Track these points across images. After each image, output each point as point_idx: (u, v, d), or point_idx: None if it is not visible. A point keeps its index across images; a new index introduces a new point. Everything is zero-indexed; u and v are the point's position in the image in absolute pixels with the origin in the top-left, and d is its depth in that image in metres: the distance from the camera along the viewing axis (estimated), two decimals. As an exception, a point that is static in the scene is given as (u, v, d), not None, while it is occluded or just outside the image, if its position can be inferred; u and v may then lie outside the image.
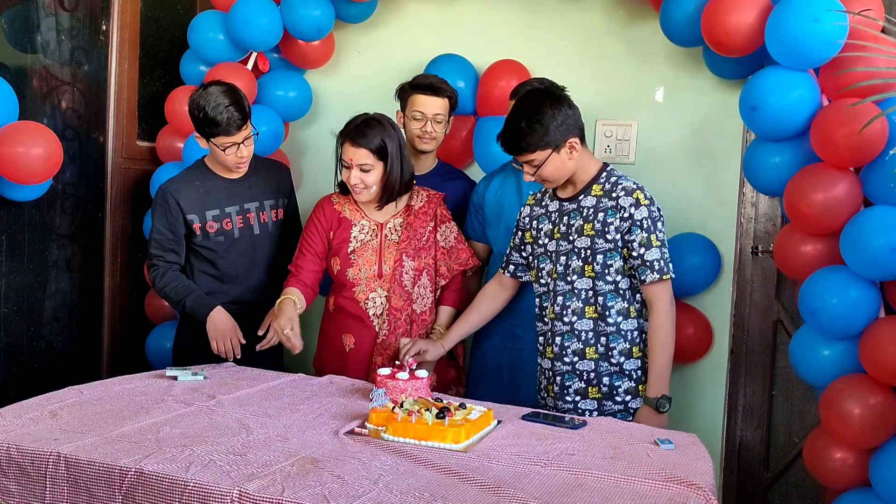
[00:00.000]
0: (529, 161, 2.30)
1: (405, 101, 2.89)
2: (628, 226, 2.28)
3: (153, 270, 2.73)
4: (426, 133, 2.85)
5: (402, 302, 2.61)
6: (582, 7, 3.17)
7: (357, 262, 2.62)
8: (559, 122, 2.26)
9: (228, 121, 2.55)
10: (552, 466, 1.74)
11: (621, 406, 2.33)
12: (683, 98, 3.06)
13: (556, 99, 2.30)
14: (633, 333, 2.34)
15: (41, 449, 1.74)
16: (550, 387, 2.42)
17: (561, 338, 2.37)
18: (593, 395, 2.34)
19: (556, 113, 2.26)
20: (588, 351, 2.33)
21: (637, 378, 2.34)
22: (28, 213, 2.95)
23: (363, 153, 2.51)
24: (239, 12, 3.05)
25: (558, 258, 2.38)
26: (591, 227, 2.32)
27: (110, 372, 3.26)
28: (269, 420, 2.01)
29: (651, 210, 2.30)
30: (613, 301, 2.32)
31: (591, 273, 2.33)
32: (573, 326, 2.35)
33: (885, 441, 2.23)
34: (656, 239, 2.28)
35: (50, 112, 3.04)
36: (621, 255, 2.31)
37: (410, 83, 2.88)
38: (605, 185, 2.35)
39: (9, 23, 2.87)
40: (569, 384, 2.36)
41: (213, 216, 2.72)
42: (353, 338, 2.64)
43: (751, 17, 2.42)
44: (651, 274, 2.26)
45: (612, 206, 2.30)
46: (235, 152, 2.63)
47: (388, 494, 1.55)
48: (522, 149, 2.29)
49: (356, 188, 2.56)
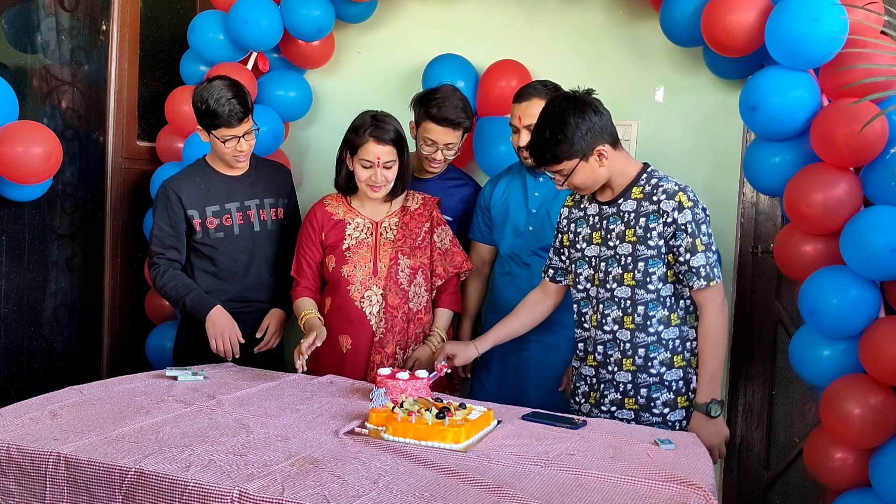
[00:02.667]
0: (558, 171, 2.25)
1: (419, 120, 2.81)
2: (672, 231, 2.20)
3: (154, 269, 2.73)
4: (436, 159, 2.82)
5: (398, 300, 2.61)
6: (582, 7, 3.17)
7: (352, 260, 2.61)
8: (584, 131, 2.19)
9: (230, 113, 2.57)
10: (552, 466, 1.74)
11: (659, 419, 2.26)
12: (683, 98, 3.06)
13: (581, 107, 2.20)
14: (674, 342, 2.26)
15: (41, 449, 1.74)
16: (593, 394, 2.36)
17: (603, 346, 2.31)
18: (629, 405, 2.28)
19: (580, 122, 2.18)
20: (626, 362, 2.27)
21: (677, 389, 2.26)
22: (28, 213, 2.95)
23: (388, 150, 2.51)
24: (239, 12, 3.06)
25: (598, 264, 2.32)
26: (633, 233, 2.25)
27: (110, 372, 3.26)
28: (269, 420, 2.01)
29: (695, 212, 2.20)
30: (654, 310, 2.24)
31: (630, 282, 2.26)
32: (615, 335, 2.29)
33: (885, 441, 2.23)
34: (701, 243, 2.19)
35: (50, 112, 3.04)
36: (665, 262, 2.23)
37: (427, 109, 2.74)
38: (644, 187, 2.27)
39: (9, 23, 2.87)
40: (607, 393, 2.31)
41: (213, 212, 2.73)
42: (349, 339, 2.63)
43: (751, 17, 2.42)
44: (698, 281, 2.19)
45: (654, 211, 2.22)
46: (235, 146, 2.65)
47: (388, 494, 1.55)
48: (549, 160, 2.23)
49: (377, 187, 2.55)
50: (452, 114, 2.73)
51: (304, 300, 2.66)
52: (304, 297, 2.67)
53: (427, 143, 2.80)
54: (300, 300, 2.67)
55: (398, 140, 2.53)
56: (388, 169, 2.53)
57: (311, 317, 2.60)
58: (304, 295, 2.67)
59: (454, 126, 2.75)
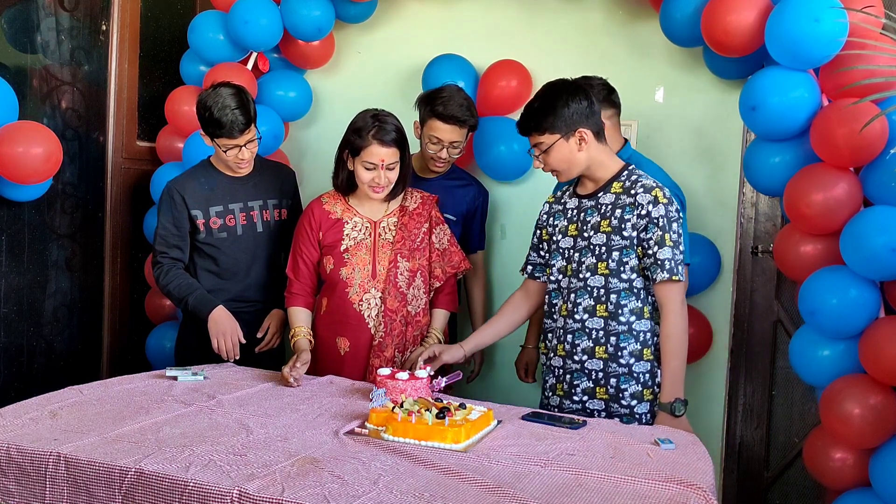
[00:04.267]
0: (537, 144, 2.32)
1: (424, 119, 2.82)
2: (645, 223, 2.25)
3: (157, 268, 2.74)
4: (441, 158, 2.83)
5: (397, 303, 2.60)
6: (582, 7, 3.17)
7: (350, 262, 2.59)
8: (572, 110, 2.27)
9: (232, 124, 2.58)
10: (552, 466, 1.74)
11: (627, 410, 2.29)
12: (683, 98, 3.06)
13: (575, 89, 2.31)
14: (645, 335, 2.29)
15: (41, 449, 1.74)
16: (560, 385, 2.39)
17: (572, 335, 2.34)
18: (601, 395, 2.31)
19: (571, 101, 2.28)
20: (598, 350, 2.31)
21: (645, 382, 2.29)
22: (28, 213, 2.95)
23: (392, 151, 2.50)
24: (239, 12, 3.06)
25: (572, 255, 2.37)
26: (608, 224, 2.30)
27: (110, 372, 3.26)
28: (269, 420, 2.01)
29: (669, 210, 2.25)
30: (627, 300, 2.28)
31: (604, 270, 2.30)
32: (584, 324, 2.32)
33: (885, 441, 2.23)
34: (670, 239, 2.23)
35: (50, 112, 3.04)
36: (636, 253, 2.28)
37: (433, 107, 2.76)
38: (625, 182, 2.33)
39: (9, 23, 2.87)
40: (577, 383, 2.34)
41: (216, 212, 2.74)
42: (347, 341, 2.60)
43: (751, 17, 2.42)
44: (661, 273, 2.22)
45: (630, 203, 2.28)
46: (237, 154, 2.66)
47: (388, 494, 1.55)
48: (531, 128, 2.32)
49: (379, 189, 2.53)
50: (458, 111, 2.75)
51: (297, 311, 2.64)
52: (296, 305, 2.64)
53: (433, 142, 2.81)
54: (293, 310, 2.64)
55: (401, 140, 2.53)
56: (391, 170, 2.52)
57: (299, 339, 2.58)
58: (297, 303, 2.64)
59: (460, 124, 2.77)
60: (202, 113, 2.61)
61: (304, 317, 2.64)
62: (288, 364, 2.43)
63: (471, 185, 3.01)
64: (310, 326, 2.64)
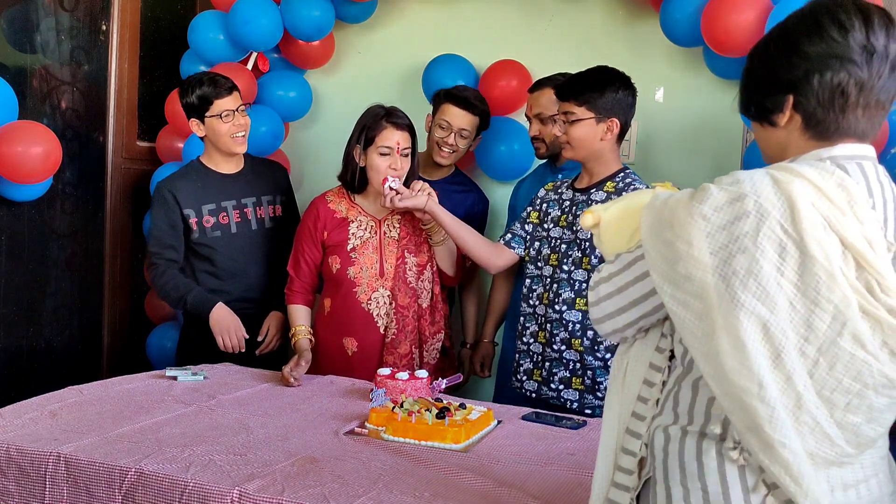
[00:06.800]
0: (569, 112, 2.35)
1: (437, 107, 2.88)
2: None
3: (152, 269, 2.73)
4: (447, 144, 2.84)
5: (408, 299, 2.59)
6: (582, 7, 3.17)
7: (358, 261, 2.58)
8: (617, 97, 2.33)
9: (218, 83, 2.66)
10: (552, 466, 1.74)
11: (601, 402, 2.29)
12: (683, 98, 3.06)
13: (628, 83, 2.37)
14: None
15: (41, 449, 1.74)
16: (537, 371, 2.42)
17: (551, 325, 2.38)
18: (576, 385, 2.35)
19: (620, 89, 2.34)
20: (574, 342, 2.33)
21: None
22: (28, 212, 2.95)
23: (405, 136, 2.51)
24: (239, 12, 3.05)
25: (559, 246, 2.40)
26: None
27: (110, 372, 3.25)
28: (269, 420, 2.01)
29: None
30: None
31: (587, 266, 2.34)
32: (562, 316, 2.36)
33: (885, 441, 2.23)
34: None
35: (50, 112, 3.04)
36: None
37: (446, 91, 2.87)
38: (618, 183, 2.38)
39: (9, 23, 2.87)
40: (556, 371, 2.37)
41: (209, 210, 2.73)
42: (355, 341, 2.58)
43: (751, 17, 2.42)
44: None
45: None
46: (233, 121, 2.67)
47: (388, 494, 1.55)
48: (573, 94, 2.35)
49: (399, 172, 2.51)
50: (471, 96, 2.86)
51: (298, 309, 2.63)
52: (297, 304, 2.64)
53: (441, 126, 2.84)
54: (294, 308, 2.64)
55: (411, 127, 2.55)
56: (406, 157, 2.52)
57: (300, 339, 2.58)
58: (298, 301, 2.64)
59: (471, 109, 2.83)
60: (188, 97, 2.67)
61: (305, 315, 2.64)
62: (289, 364, 2.43)
63: (471, 191, 3.00)
64: (310, 325, 2.64)
